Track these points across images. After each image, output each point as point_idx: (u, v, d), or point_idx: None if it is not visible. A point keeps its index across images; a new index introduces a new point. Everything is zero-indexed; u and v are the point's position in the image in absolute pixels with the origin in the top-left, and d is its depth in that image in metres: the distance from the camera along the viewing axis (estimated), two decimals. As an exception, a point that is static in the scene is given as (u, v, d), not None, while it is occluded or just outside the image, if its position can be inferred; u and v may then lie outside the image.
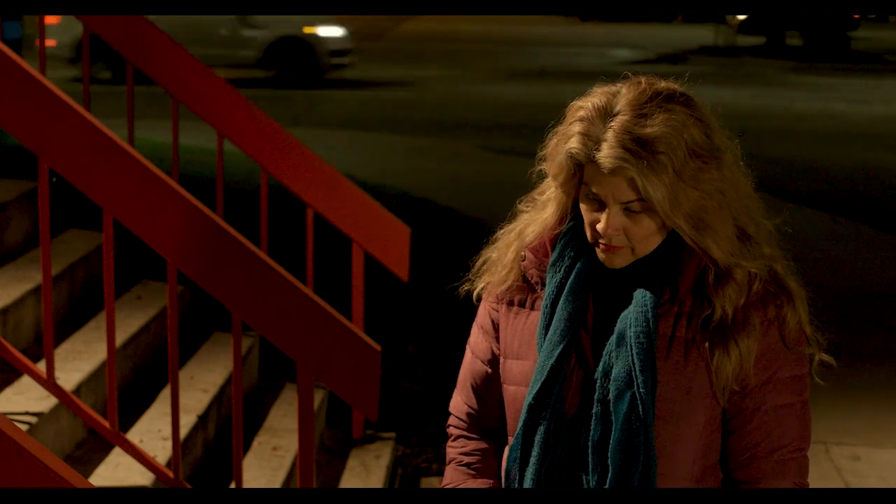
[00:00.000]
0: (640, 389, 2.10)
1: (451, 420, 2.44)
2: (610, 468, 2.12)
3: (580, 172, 2.16)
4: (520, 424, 2.20)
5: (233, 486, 3.89)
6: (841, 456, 5.75)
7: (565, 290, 2.20)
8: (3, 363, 4.12)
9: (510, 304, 2.30)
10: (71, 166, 3.53)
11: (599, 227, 2.13)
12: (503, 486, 2.29)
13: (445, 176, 12.59)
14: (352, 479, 5.05)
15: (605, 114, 2.11)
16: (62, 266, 4.99)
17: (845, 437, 5.96)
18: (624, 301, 2.17)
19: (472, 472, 2.36)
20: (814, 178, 12.93)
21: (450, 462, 2.40)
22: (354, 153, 13.47)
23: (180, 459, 3.82)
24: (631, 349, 2.12)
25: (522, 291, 2.29)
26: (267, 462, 4.67)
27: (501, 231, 2.37)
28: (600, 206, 2.13)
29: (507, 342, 2.29)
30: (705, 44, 32.52)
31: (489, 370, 2.34)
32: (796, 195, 11.48)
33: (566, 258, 2.22)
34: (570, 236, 2.24)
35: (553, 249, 2.25)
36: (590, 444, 2.15)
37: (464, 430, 2.40)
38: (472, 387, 2.38)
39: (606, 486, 2.13)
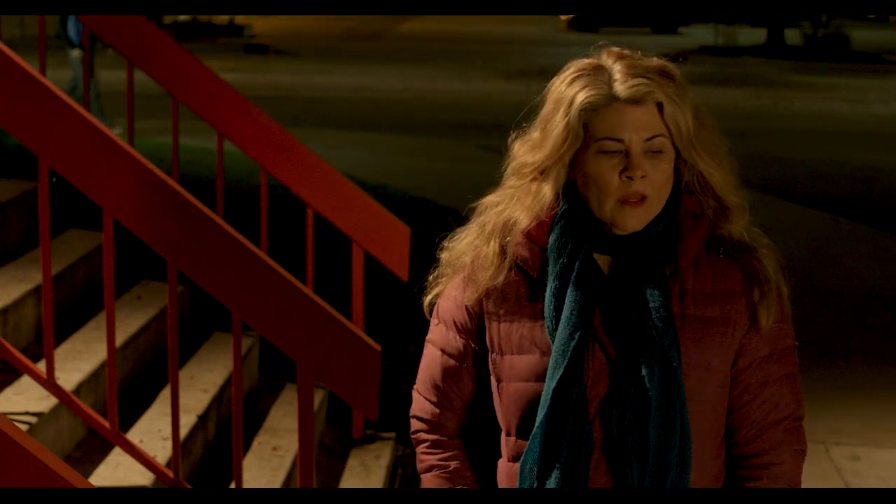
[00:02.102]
0: (673, 360, 2.12)
1: (418, 425, 2.37)
2: (651, 446, 2.11)
3: (581, 140, 2.15)
4: (541, 415, 2.14)
5: (233, 486, 3.89)
6: (841, 456, 5.75)
7: (574, 274, 2.17)
8: (3, 363, 4.12)
9: (503, 298, 2.23)
10: (71, 166, 3.53)
11: (629, 172, 2.11)
12: (508, 482, 2.25)
13: (445, 176, 12.59)
14: (352, 479, 5.05)
15: (600, 66, 2.18)
16: (62, 266, 4.99)
17: (845, 437, 5.96)
18: (633, 282, 2.17)
19: (461, 479, 2.31)
20: (814, 179, 12.93)
21: (430, 469, 2.33)
22: (354, 153, 13.47)
23: (180, 459, 3.82)
24: (654, 322, 2.13)
25: (516, 284, 2.23)
26: (267, 462, 4.67)
27: (461, 233, 2.33)
28: (620, 158, 2.13)
29: (503, 338, 2.23)
30: (705, 44, 32.53)
31: (463, 366, 2.29)
32: (796, 195, 11.48)
33: (568, 242, 2.19)
34: (566, 219, 2.20)
35: (550, 233, 2.21)
36: (625, 423, 2.13)
37: (437, 434, 2.33)
38: (440, 386, 2.31)
39: (648, 466, 2.12)
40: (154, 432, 4.37)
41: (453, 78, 23.80)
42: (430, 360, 2.34)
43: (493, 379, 2.26)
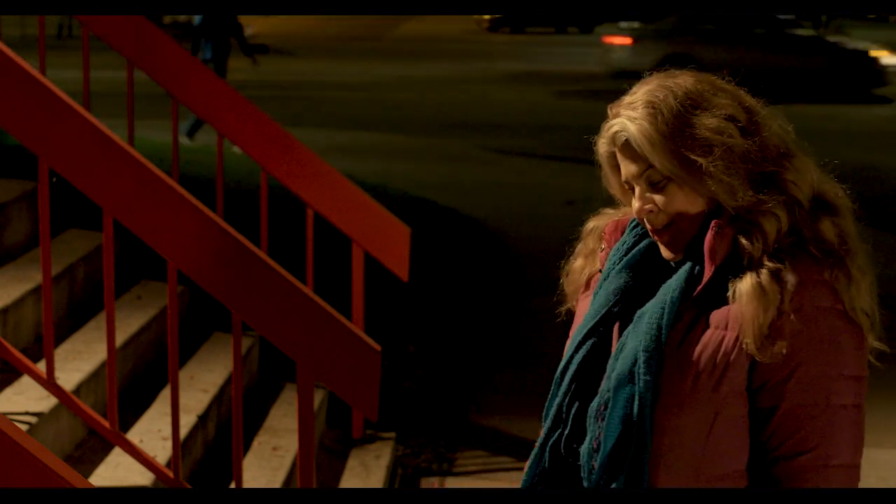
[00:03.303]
0: (641, 368, 2.11)
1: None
2: (602, 444, 2.14)
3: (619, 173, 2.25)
4: (549, 395, 2.26)
5: (233, 486, 3.89)
6: (841, 456, 5.74)
7: (613, 272, 2.25)
8: (3, 363, 4.12)
9: (586, 287, 2.37)
10: (71, 166, 3.53)
11: (636, 212, 2.18)
12: None
13: (445, 176, 12.58)
14: (352, 479, 5.05)
15: (613, 113, 2.21)
16: (62, 266, 4.99)
17: (845, 437, 5.95)
18: (656, 289, 2.20)
19: None
20: (814, 178, 12.92)
21: None
22: (354, 153, 13.47)
23: (180, 459, 3.82)
24: (642, 333, 2.13)
25: (594, 280, 2.36)
26: (267, 462, 4.67)
27: (578, 244, 2.43)
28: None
29: (573, 326, 2.35)
30: (705, 44, 32.45)
31: None
32: (796, 196, 11.46)
33: (628, 242, 2.28)
34: (636, 222, 2.29)
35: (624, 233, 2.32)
36: (591, 418, 2.17)
37: None
38: None
39: (598, 462, 2.14)
40: (154, 432, 4.37)
41: (453, 78, 23.80)
42: None
43: None
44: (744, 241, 2.12)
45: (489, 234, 9.83)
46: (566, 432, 2.22)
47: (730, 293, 2.12)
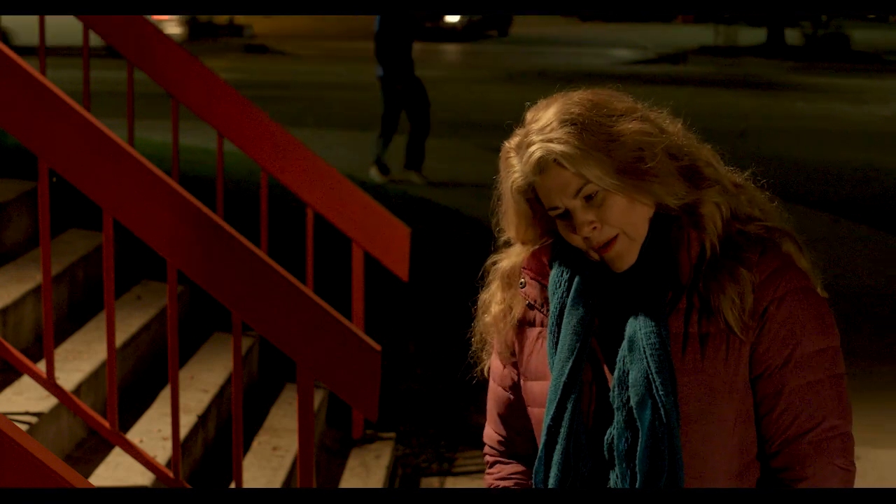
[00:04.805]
0: (660, 391, 2.08)
1: (486, 449, 2.44)
2: (638, 475, 2.10)
3: (538, 206, 2.19)
4: (540, 445, 2.19)
5: (233, 486, 3.89)
6: (841, 456, 5.73)
7: (567, 305, 2.18)
8: (3, 363, 4.12)
9: (524, 330, 2.28)
10: (71, 166, 3.53)
11: (579, 232, 2.13)
12: None
13: (445, 176, 12.58)
14: (352, 479, 5.05)
15: (521, 141, 2.19)
16: (62, 266, 4.99)
17: (845, 437, 5.94)
18: (629, 307, 2.15)
19: None
20: (814, 178, 12.92)
21: (488, 488, 2.40)
22: (354, 153, 13.46)
23: (180, 459, 3.82)
24: (644, 352, 2.10)
25: (530, 314, 2.28)
26: (267, 462, 4.67)
27: (483, 295, 2.36)
28: (569, 219, 2.15)
29: (525, 364, 2.27)
30: (705, 44, 32.50)
31: (511, 396, 2.33)
32: (796, 195, 11.48)
33: (564, 274, 2.21)
34: (559, 248, 2.23)
35: (550, 266, 2.24)
36: (615, 454, 2.12)
37: (498, 456, 2.40)
38: (499, 415, 2.37)
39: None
40: (154, 432, 4.37)
41: (453, 78, 23.80)
42: (490, 391, 2.40)
43: None
44: (703, 236, 2.14)
45: (489, 234, 9.82)
46: (580, 475, 2.16)
47: (706, 292, 2.12)
